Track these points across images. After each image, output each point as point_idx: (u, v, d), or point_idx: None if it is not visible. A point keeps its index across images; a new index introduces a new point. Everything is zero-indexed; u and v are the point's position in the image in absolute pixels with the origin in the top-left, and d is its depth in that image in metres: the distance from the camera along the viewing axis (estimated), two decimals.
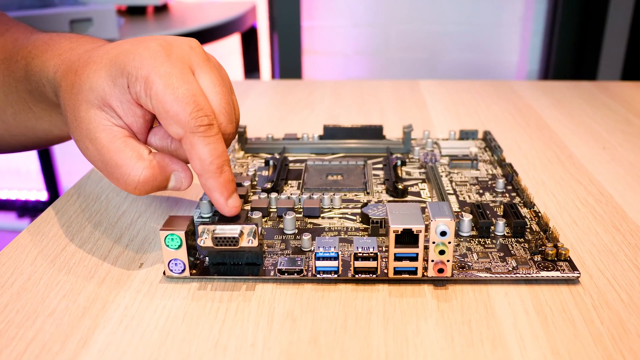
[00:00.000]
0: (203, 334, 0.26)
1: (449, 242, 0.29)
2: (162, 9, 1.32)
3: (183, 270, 0.30)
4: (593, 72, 1.33)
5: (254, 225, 0.29)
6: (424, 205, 0.37)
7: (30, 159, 1.58)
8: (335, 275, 0.30)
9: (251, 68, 1.48)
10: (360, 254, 0.29)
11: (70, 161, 1.54)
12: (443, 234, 0.28)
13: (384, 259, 0.31)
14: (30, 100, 0.38)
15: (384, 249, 0.32)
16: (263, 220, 0.35)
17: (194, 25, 1.14)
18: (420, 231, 0.28)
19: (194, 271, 0.30)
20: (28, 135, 0.41)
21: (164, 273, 0.30)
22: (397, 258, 0.29)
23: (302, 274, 0.30)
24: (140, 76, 0.29)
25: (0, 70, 0.39)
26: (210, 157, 0.29)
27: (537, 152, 0.46)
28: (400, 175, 0.41)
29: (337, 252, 0.29)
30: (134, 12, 1.28)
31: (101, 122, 0.30)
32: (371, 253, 0.29)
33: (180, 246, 0.29)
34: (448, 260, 0.29)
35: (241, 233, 0.29)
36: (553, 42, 1.34)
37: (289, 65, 1.30)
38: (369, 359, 0.25)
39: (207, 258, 0.31)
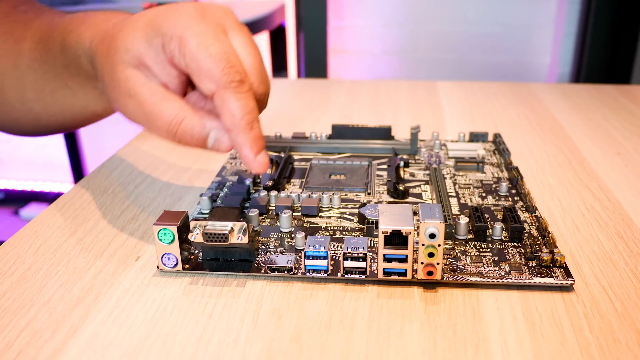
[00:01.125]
0: (189, 328, 0.27)
1: (439, 245, 0.28)
2: None
3: (175, 265, 0.30)
4: (626, 75, 1.29)
5: (244, 223, 0.29)
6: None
7: (61, 153, 1.62)
8: (325, 275, 0.30)
9: (279, 67, 1.49)
10: (350, 254, 0.29)
11: (98, 155, 1.57)
12: (432, 236, 0.28)
13: (376, 260, 0.31)
14: (67, 75, 0.39)
15: (376, 250, 0.32)
16: (261, 217, 0.36)
17: None
18: (410, 233, 0.28)
19: (187, 266, 0.31)
20: (65, 113, 0.42)
21: (158, 267, 0.31)
22: (387, 259, 0.29)
23: (292, 272, 0.30)
24: (174, 35, 0.30)
25: (38, 49, 0.40)
26: (241, 112, 0.30)
27: (548, 156, 0.46)
28: (403, 176, 0.41)
29: (327, 251, 0.29)
30: None
31: (139, 79, 0.31)
32: (360, 253, 0.29)
33: (172, 241, 0.30)
34: (438, 263, 0.29)
35: (231, 230, 0.29)
36: (585, 45, 1.31)
37: (314, 64, 1.30)
38: (348, 358, 0.25)
39: (201, 253, 0.31)
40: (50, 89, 0.41)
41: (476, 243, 0.32)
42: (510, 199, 0.37)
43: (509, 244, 0.32)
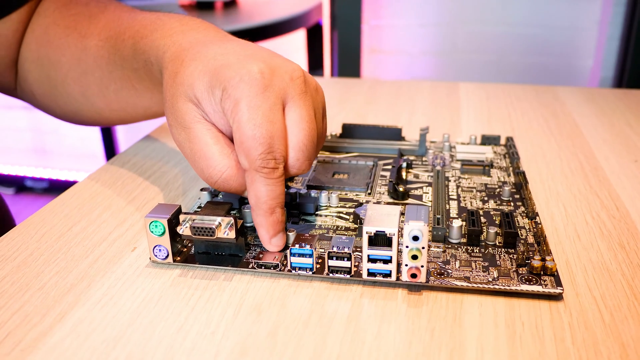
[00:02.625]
0: (170, 319, 0.27)
1: (423, 248, 0.28)
2: (230, 4, 1.35)
3: (166, 257, 0.31)
4: None
5: (231, 218, 0.30)
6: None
7: (96, 144, 1.67)
8: (310, 273, 0.30)
9: (315, 65, 1.50)
10: (335, 253, 0.29)
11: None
12: (415, 238, 0.28)
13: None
14: (135, 78, 0.40)
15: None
16: None
17: (261, 21, 1.17)
18: (393, 234, 0.28)
19: (178, 258, 0.31)
20: (128, 110, 0.44)
21: (150, 258, 0.31)
22: (371, 259, 0.29)
23: (278, 269, 0.30)
24: (232, 97, 0.30)
25: (105, 47, 0.41)
26: (265, 197, 0.30)
27: (561, 162, 0.44)
28: (406, 177, 0.40)
29: (312, 250, 0.30)
30: (203, 7, 1.32)
31: (196, 116, 0.32)
32: (345, 253, 0.29)
33: (163, 233, 0.30)
34: (422, 266, 0.28)
35: (219, 225, 0.30)
36: (629, 48, 1.27)
37: (347, 63, 1.30)
38: (320, 357, 0.25)
39: (193, 246, 0.32)
40: (115, 87, 0.42)
41: (468, 247, 0.32)
42: (512, 203, 0.37)
43: (503, 249, 0.32)
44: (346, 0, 1.25)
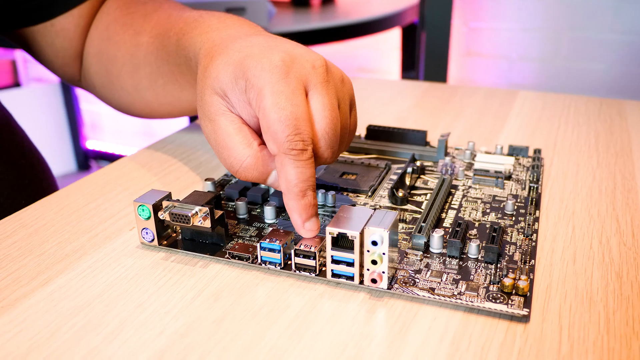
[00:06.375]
0: (135, 295, 0.29)
1: (383, 253, 0.28)
2: (328, 1, 1.37)
3: (152, 239, 0.33)
4: None
5: (207, 208, 0.31)
6: (419, 214, 0.35)
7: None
8: (279, 268, 0.31)
9: (409, 65, 1.48)
10: (301, 251, 0.30)
11: None
12: (374, 243, 0.28)
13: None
14: (178, 72, 0.43)
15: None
16: (254, 207, 0.37)
17: (357, 18, 1.18)
18: (355, 237, 0.28)
19: (165, 242, 0.33)
20: (174, 104, 0.47)
21: (140, 240, 0.33)
22: (335, 261, 0.29)
23: (249, 261, 0.31)
24: (255, 86, 0.31)
25: (155, 44, 0.45)
26: (296, 180, 0.31)
27: (593, 180, 0.41)
28: (412, 183, 0.40)
29: (281, 245, 0.30)
30: (299, 4, 1.35)
31: (221, 107, 0.34)
32: (310, 252, 0.30)
33: (149, 217, 0.32)
34: (383, 272, 0.28)
35: (195, 213, 0.31)
36: None
37: (434, 66, 1.27)
38: (253, 348, 0.25)
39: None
40: (162, 81, 0.45)
41: (448, 258, 0.31)
42: (513, 218, 0.35)
43: (483, 264, 0.31)
44: (436, 1, 1.22)
